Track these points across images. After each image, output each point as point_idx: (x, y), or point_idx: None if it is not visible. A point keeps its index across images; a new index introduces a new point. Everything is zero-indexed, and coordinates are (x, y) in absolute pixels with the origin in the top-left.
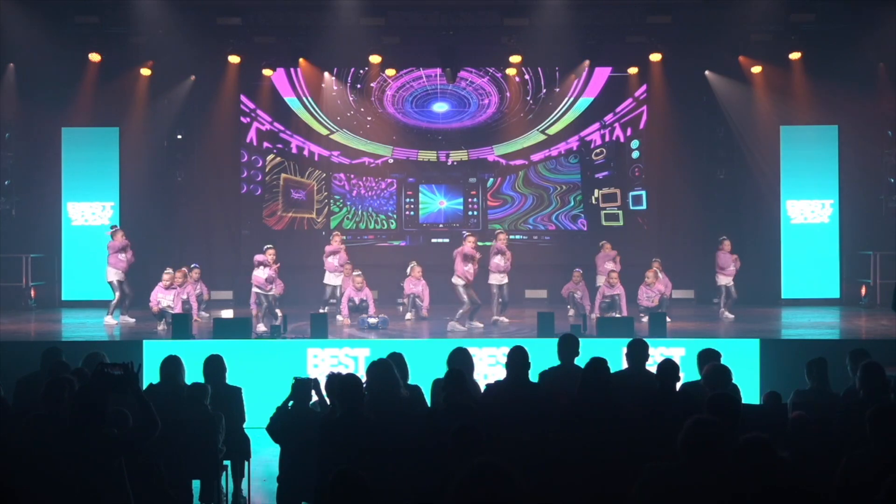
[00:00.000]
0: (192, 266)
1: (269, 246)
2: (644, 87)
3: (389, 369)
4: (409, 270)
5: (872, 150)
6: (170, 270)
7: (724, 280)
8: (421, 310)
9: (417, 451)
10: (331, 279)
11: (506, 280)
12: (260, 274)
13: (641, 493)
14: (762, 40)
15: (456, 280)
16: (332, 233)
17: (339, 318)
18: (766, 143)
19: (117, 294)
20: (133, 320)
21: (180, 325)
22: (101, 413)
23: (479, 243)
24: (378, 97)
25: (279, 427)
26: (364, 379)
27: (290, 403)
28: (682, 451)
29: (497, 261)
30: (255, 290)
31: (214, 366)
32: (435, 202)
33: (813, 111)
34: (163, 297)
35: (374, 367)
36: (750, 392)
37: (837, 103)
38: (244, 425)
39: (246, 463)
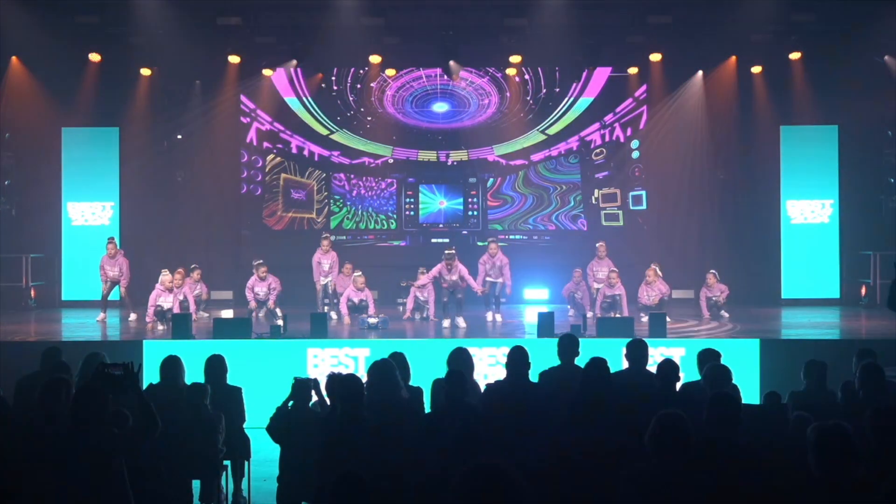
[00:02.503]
0: (192, 267)
1: (259, 262)
2: (644, 87)
3: (391, 370)
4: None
5: (872, 150)
6: (167, 272)
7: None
8: (426, 312)
9: (418, 452)
10: (320, 279)
11: (500, 280)
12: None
13: (622, 499)
14: (762, 40)
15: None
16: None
17: (333, 315)
18: (766, 143)
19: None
20: (134, 318)
21: (180, 325)
22: (102, 413)
23: (480, 243)
24: (378, 97)
25: (279, 427)
26: (365, 379)
27: (290, 403)
28: (650, 445)
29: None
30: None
31: (216, 366)
32: (435, 202)
33: (813, 111)
34: (164, 301)
35: (376, 368)
36: (750, 392)
37: (837, 103)
38: (244, 425)
39: (246, 463)
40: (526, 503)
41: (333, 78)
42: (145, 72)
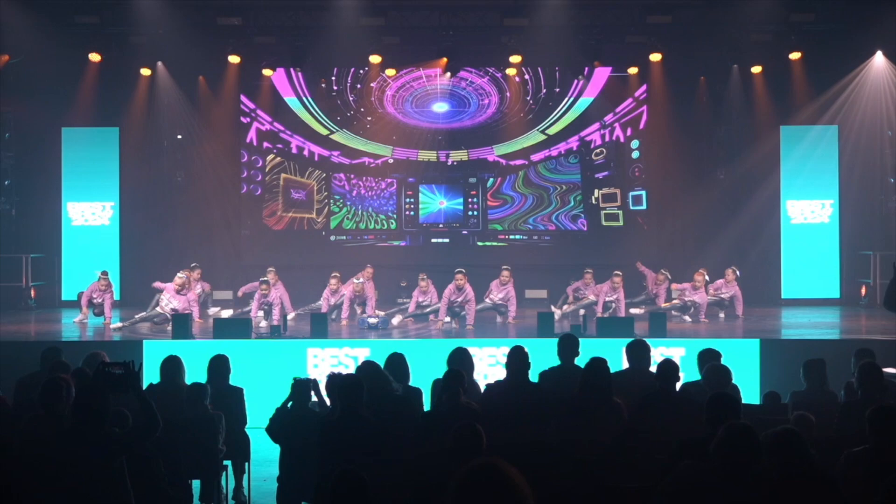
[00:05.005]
0: (192, 265)
1: (270, 270)
2: (644, 87)
3: (377, 367)
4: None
5: (872, 150)
6: (182, 275)
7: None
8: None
9: (417, 452)
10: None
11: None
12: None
13: (670, 489)
14: (762, 40)
15: None
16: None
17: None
18: (766, 143)
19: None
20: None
21: (180, 325)
22: (102, 413)
23: (480, 243)
24: (378, 97)
25: (278, 427)
26: None
27: (290, 404)
28: (715, 451)
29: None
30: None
31: (219, 366)
32: (435, 202)
33: (813, 111)
34: (170, 301)
35: (363, 367)
36: (750, 392)
37: (837, 103)
38: (245, 426)
39: (246, 463)
40: (525, 502)
41: (333, 78)
42: (145, 72)
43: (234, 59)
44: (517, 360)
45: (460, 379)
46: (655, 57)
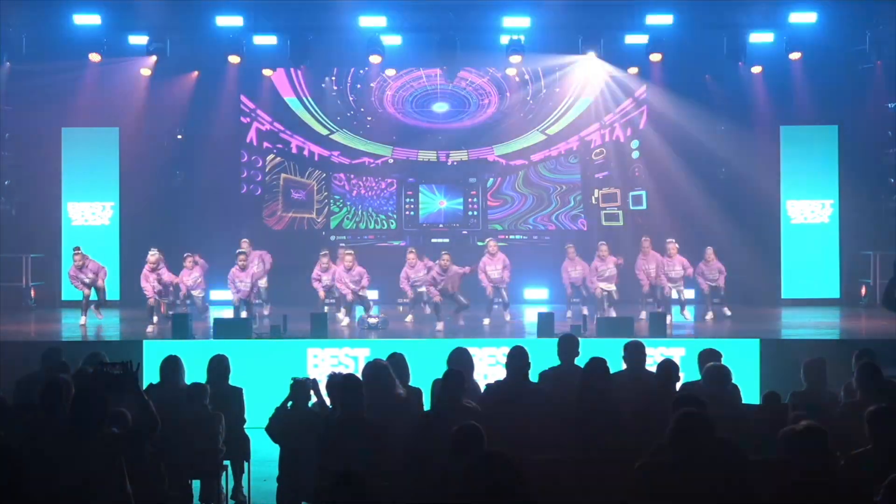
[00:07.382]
0: (185, 255)
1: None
2: (644, 87)
3: (385, 369)
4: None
5: (872, 150)
6: (154, 251)
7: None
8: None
9: (417, 452)
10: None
11: (505, 283)
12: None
13: (636, 492)
14: (762, 40)
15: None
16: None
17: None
18: (766, 143)
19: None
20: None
21: (180, 325)
22: (102, 413)
23: (480, 243)
24: (378, 97)
25: (278, 427)
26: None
27: (289, 404)
28: (671, 444)
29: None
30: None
31: (219, 366)
32: (435, 202)
33: (813, 111)
34: (156, 281)
35: (370, 368)
36: (750, 392)
37: (837, 103)
38: (244, 426)
39: (246, 463)
40: (528, 493)
41: (333, 78)
42: (145, 72)
43: (234, 59)
44: (517, 360)
45: (460, 379)
46: (655, 57)
